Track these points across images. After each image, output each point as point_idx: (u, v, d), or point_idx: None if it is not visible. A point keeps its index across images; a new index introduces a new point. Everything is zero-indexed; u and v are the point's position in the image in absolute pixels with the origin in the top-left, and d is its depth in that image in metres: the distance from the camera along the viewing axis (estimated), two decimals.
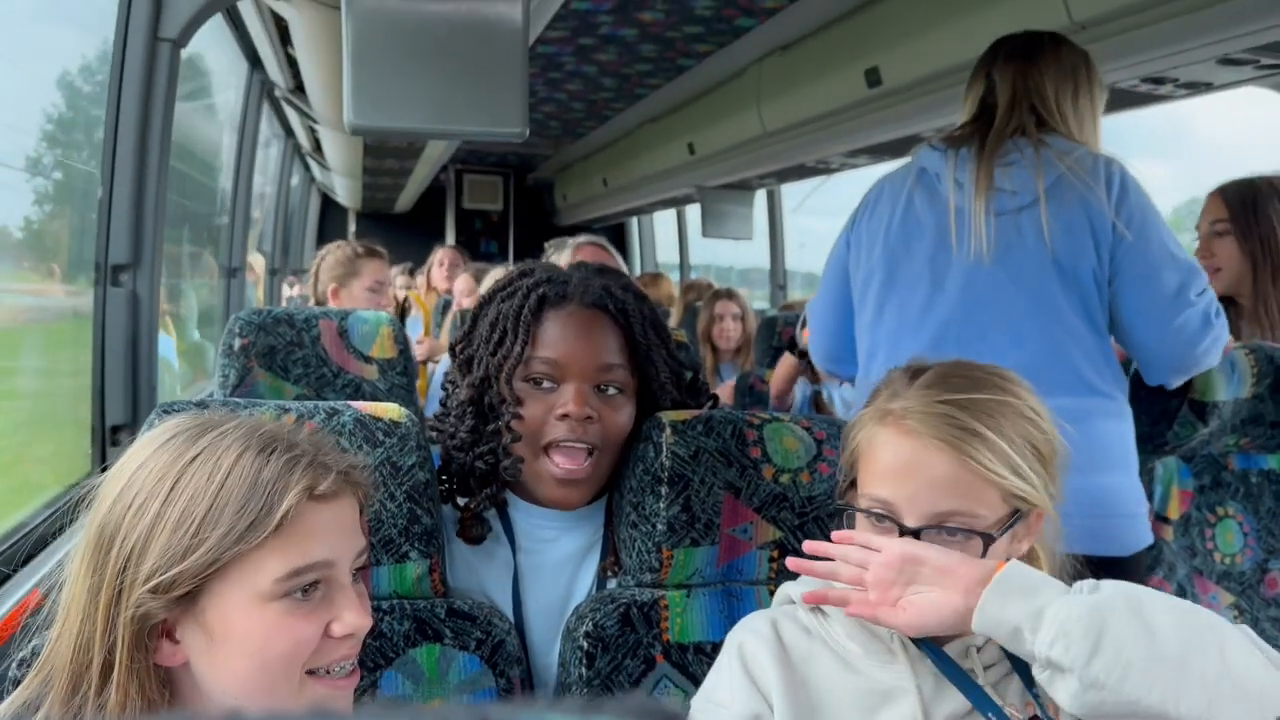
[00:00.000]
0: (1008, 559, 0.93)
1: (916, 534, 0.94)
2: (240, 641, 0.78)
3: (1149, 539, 1.62)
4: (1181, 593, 1.80)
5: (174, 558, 0.77)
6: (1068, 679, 0.82)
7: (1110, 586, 0.86)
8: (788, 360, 2.59)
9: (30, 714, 0.82)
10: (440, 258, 4.69)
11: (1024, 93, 1.65)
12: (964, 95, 1.75)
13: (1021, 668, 0.94)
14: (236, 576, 0.78)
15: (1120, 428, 1.61)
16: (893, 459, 0.96)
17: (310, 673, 0.80)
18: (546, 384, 1.23)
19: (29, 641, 1.00)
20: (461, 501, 1.30)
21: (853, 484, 1.03)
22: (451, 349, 1.34)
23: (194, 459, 0.80)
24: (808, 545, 0.98)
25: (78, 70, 2.08)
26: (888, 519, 0.95)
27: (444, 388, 1.35)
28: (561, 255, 2.50)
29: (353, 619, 0.80)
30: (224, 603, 0.78)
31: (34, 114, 2.12)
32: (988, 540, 0.94)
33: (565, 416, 1.21)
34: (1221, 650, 0.81)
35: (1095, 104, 1.69)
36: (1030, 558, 1.01)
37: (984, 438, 0.92)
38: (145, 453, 0.82)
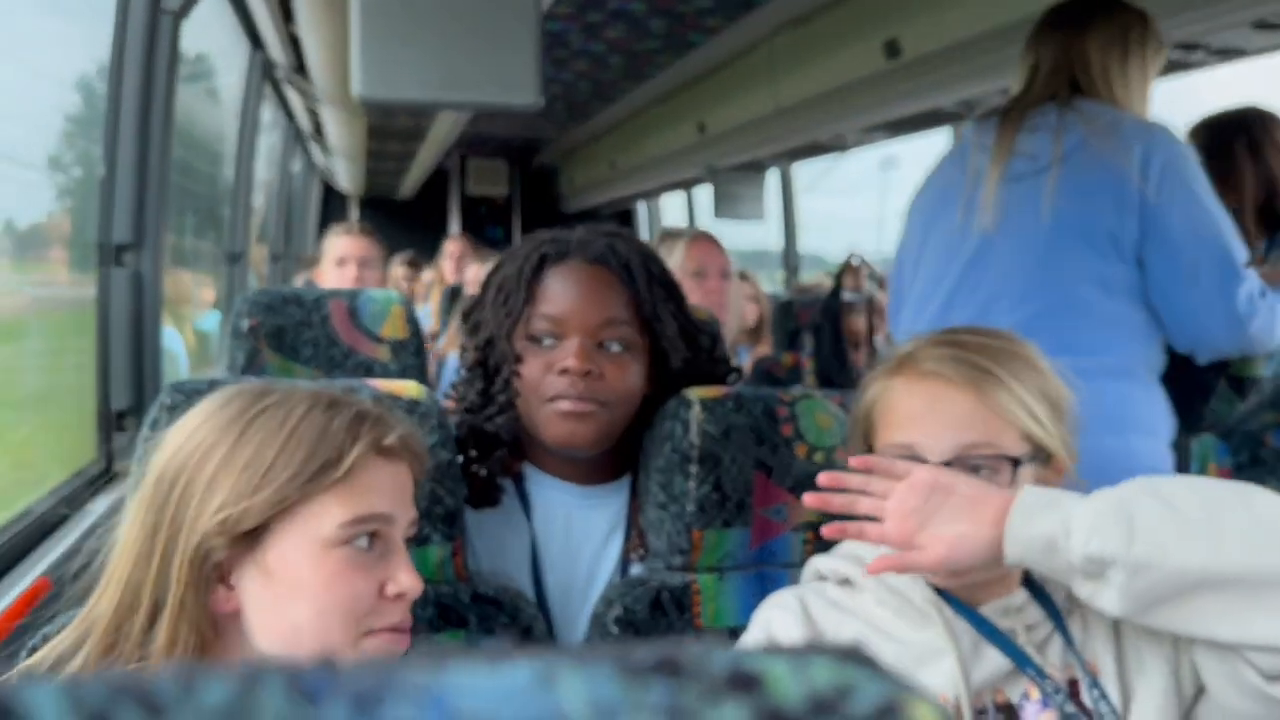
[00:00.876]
0: None
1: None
2: (300, 587, 0.78)
3: None
4: None
5: (242, 494, 0.77)
6: (1113, 575, 0.80)
7: (1126, 484, 0.86)
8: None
9: (66, 662, 0.81)
10: (449, 250, 4.65)
11: (1066, 61, 1.63)
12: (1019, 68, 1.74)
13: (1063, 628, 0.91)
14: (301, 520, 0.79)
15: (1122, 388, 1.56)
16: (911, 402, 0.96)
17: (366, 634, 0.80)
18: (548, 341, 1.20)
19: (39, 629, 0.96)
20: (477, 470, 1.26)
21: (869, 448, 1.00)
22: (464, 315, 1.33)
23: (264, 410, 0.81)
24: (822, 478, 0.94)
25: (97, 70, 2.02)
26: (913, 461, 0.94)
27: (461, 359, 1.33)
28: (674, 253, 2.42)
29: (407, 579, 0.81)
30: (287, 546, 0.79)
31: (54, 111, 2.08)
32: (1015, 465, 0.92)
33: (565, 371, 1.17)
34: (1247, 503, 0.82)
35: (1146, 68, 1.65)
36: None
37: (999, 378, 0.93)
38: (210, 408, 0.83)
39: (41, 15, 2.10)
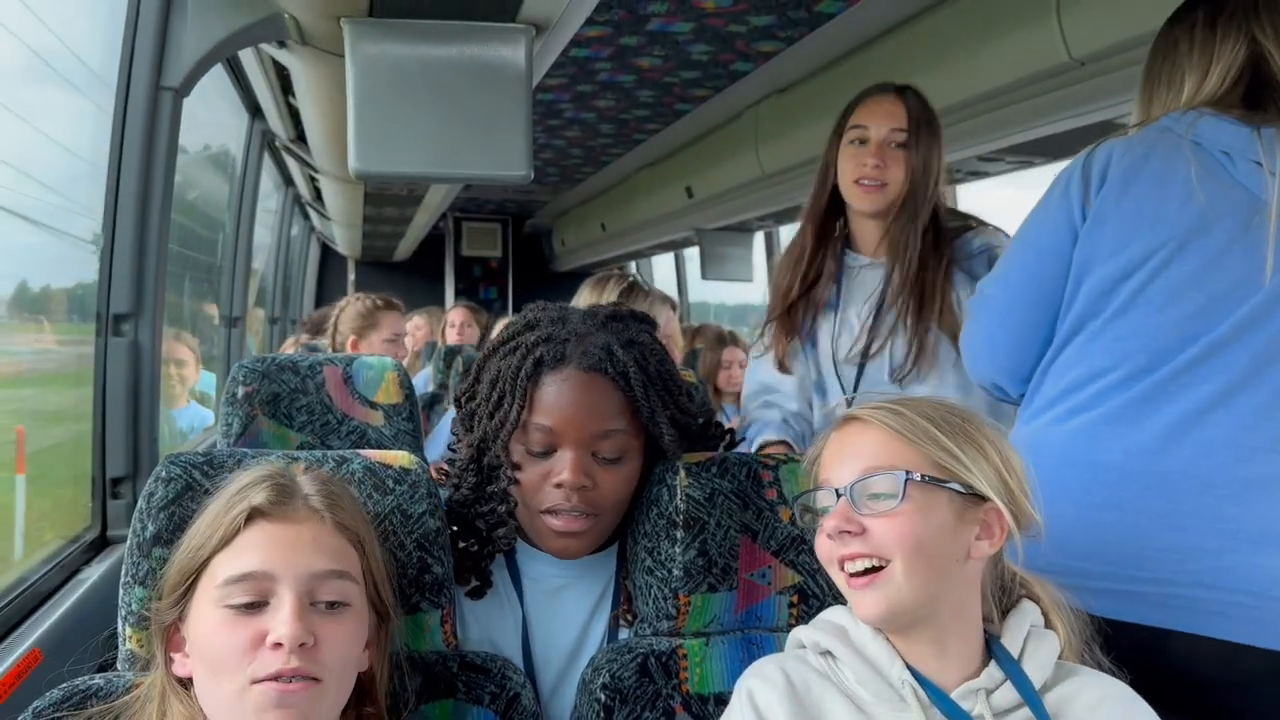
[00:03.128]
0: (969, 556, 0.93)
1: (847, 495, 0.95)
2: (198, 645, 0.88)
3: None
4: None
5: (172, 563, 0.91)
6: None
7: None
8: None
9: None
10: (453, 319, 4.68)
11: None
12: (1192, 60, 1.34)
13: (1040, 714, 0.92)
14: (201, 586, 0.89)
15: None
16: (830, 444, 1.01)
17: (254, 681, 0.85)
18: (542, 450, 1.19)
19: (30, 703, 0.97)
20: (466, 547, 1.27)
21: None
22: (457, 400, 1.32)
23: (217, 494, 0.95)
24: None
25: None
26: (827, 492, 0.98)
27: (455, 434, 1.33)
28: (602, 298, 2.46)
29: (282, 629, 0.84)
30: (193, 610, 0.89)
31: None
32: (906, 478, 0.93)
33: (559, 485, 1.18)
34: None
35: None
36: (1048, 623, 1.00)
37: (910, 417, 0.96)
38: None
39: (53, 88, 2.18)
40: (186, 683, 0.91)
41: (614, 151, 4.65)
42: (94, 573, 1.69)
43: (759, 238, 5.07)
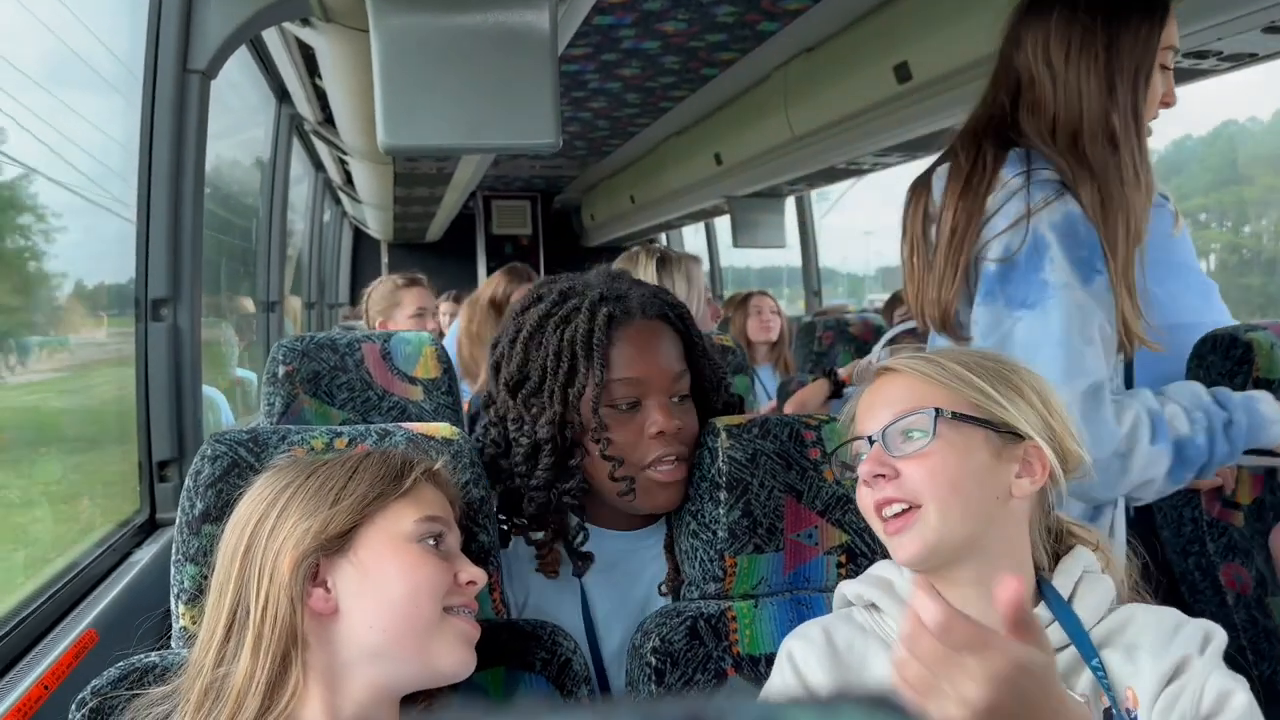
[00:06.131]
0: (1010, 494, 0.91)
1: (880, 439, 0.94)
2: (391, 574, 0.92)
3: None
4: (1261, 579, 1.72)
5: (313, 512, 0.92)
6: None
7: None
8: (821, 387, 2.54)
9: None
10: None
11: None
12: None
13: (1088, 651, 0.90)
14: (382, 524, 0.94)
15: None
16: (863, 398, 1.00)
17: (447, 610, 0.94)
18: (629, 405, 1.19)
19: (88, 682, 0.98)
20: (536, 535, 1.26)
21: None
22: (507, 385, 1.24)
23: (323, 463, 0.97)
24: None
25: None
26: (860, 441, 0.97)
27: (486, 426, 1.27)
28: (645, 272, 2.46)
29: (473, 570, 0.96)
30: (374, 544, 0.93)
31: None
32: (936, 415, 0.91)
33: (659, 434, 1.18)
34: None
35: None
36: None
37: (942, 363, 0.95)
38: (269, 476, 0.97)
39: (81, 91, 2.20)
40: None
41: (641, 121, 4.61)
42: (144, 555, 1.72)
43: (790, 202, 5.00)
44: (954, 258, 1.29)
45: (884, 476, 0.93)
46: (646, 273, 2.44)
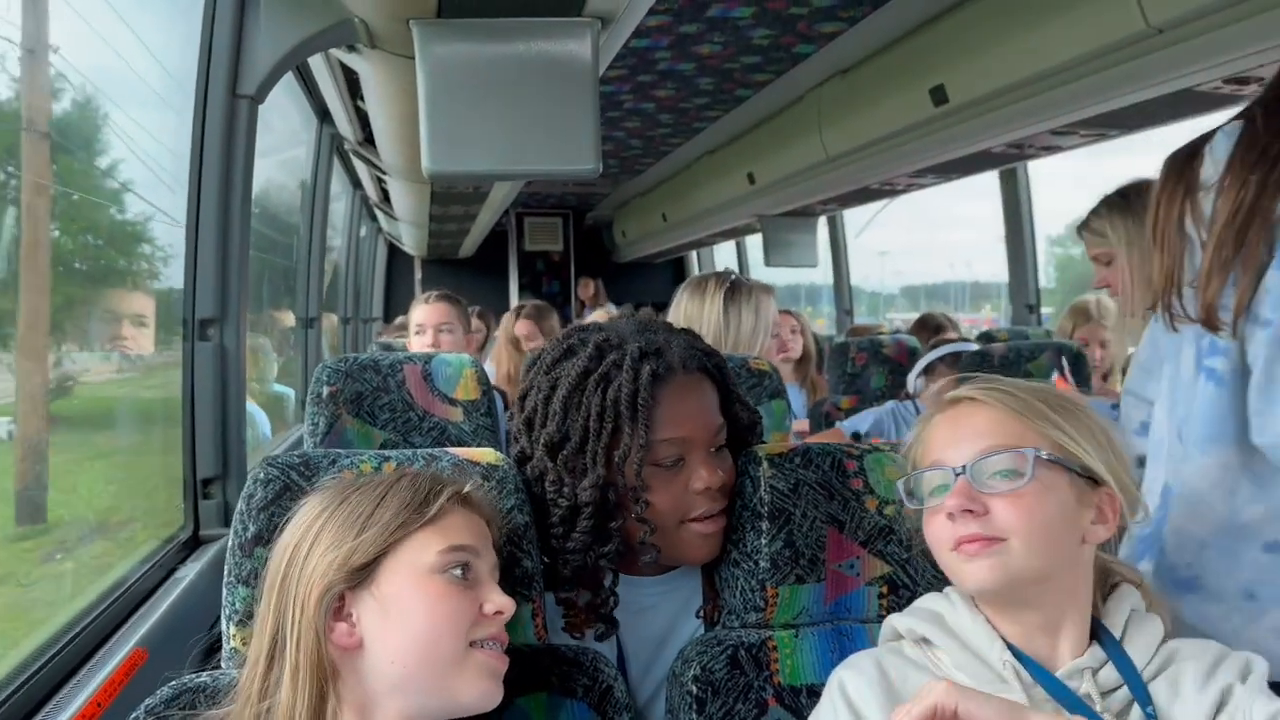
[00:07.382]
0: (1084, 540, 0.91)
1: (967, 474, 0.92)
2: (413, 608, 0.92)
3: None
4: None
5: (343, 539, 0.92)
6: None
7: None
8: (837, 435, 2.55)
9: None
10: (521, 330, 4.50)
11: None
12: None
13: (1141, 694, 0.90)
14: (405, 554, 0.93)
15: None
16: (940, 426, 0.98)
17: (471, 644, 0.93)
18: (670, 463, 1.18)
19: (141, 699, 1.00)
20: (565, 594, 1.24)
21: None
22: (546, 446, 1.19)
23: (357, 487, 0.97)
24: None
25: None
26: (942, 472, 0.95)
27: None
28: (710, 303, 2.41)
29: (500, 599, 0.95)
30: (397, 577, 0.93)
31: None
32: (1035, 458, 0.90)
33: (705, 489, 1.18)
34: None
35: None
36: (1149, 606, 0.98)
37: (1024, 398, 0.94)
38: (311, 500, 0.99)
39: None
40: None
41: (674, 141, 4.64)
42: (189, 571, 1.75)
43: (822, 222, 5.00)
44: (1239, 236, 1.11)
45: (972, 512, 0.91)
46: (713, 304, 2.40)
